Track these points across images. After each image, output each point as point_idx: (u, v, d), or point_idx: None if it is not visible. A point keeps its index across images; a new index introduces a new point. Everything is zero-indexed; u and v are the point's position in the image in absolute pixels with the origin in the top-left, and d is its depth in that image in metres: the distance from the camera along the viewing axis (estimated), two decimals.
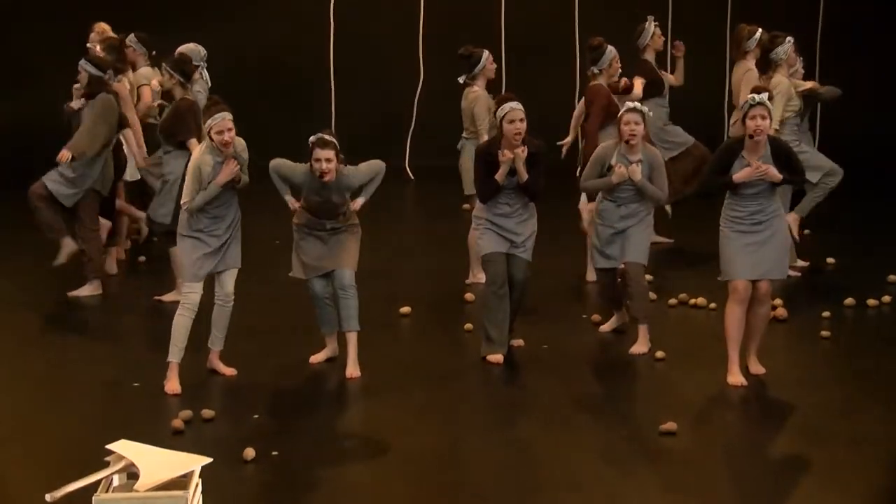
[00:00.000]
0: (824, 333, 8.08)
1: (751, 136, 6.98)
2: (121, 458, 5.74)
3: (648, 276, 8.35)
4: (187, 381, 7.07)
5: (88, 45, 9.99)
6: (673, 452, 6.16)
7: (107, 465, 5.72)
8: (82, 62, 9.00)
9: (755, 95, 6.99)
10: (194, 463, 5.47)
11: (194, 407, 6.62)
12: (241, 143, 7.10)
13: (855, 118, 15.55)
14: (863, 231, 11.41)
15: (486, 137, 9.03)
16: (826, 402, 6.85)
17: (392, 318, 8.55)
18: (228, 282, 7.14)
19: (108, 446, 5.84)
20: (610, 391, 7.14)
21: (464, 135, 9.41)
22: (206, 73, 9.23)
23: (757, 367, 7.27)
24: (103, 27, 10.19)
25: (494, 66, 9.36)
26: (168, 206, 8.53)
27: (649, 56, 10.35)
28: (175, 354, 7.01)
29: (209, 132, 6.94)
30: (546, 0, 14.48)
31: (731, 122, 9.96)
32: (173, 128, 8.45)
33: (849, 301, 8.76)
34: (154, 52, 9.99)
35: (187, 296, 7.02)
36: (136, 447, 5.80)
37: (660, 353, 7.56)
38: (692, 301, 8.76)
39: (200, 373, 7.23)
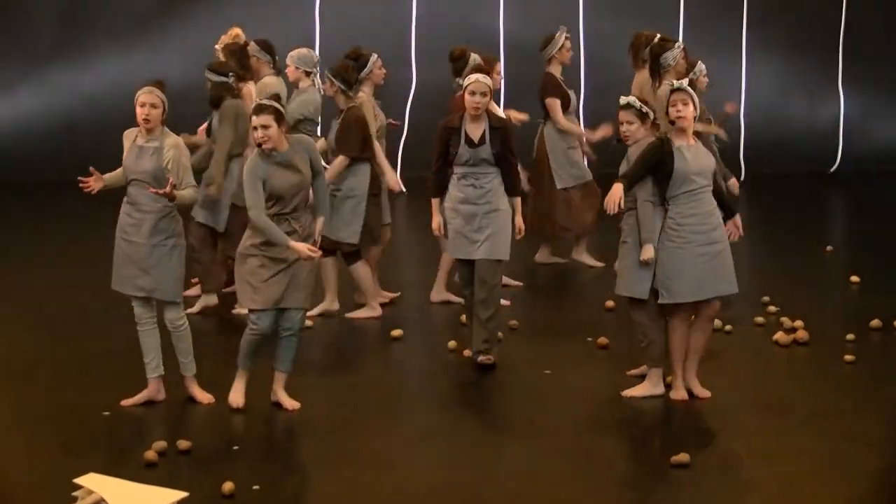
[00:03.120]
0: (848, 358, 8.07)
1: (672, 123, 7.14)
2: (90, 492, 5.73)
3: None
4: (161, 409, 7.05)
5: (217, 46, 10.04)
6: (686, 486, 6.14)
7: (75, 500, 5.71)
8: (206, 72, 9.06)
9: (675, 82, 7.18)
10: (169, 498, 5.47)
11: (169, 437, 6.59)
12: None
13: (879, 128, 15.60)
14: (889, 247, 11.41)
15: (378, 145, 9.05)
16: (849, 433, 6.84)
17: (383, 342, 8.54)
18: (165, 313, 7.09)
19: (76, 480, 5.84)
20: (617, 421, 7.12)
21: None
22: (318, 81, 9.42)
23: (702, 390, 7.31)
24: (236, 31, 10.15)
25: (383, 71, 9.32)
26: (356, 225, 8.71)
27: (554, 69, 10.19)
28: (148, 370, 7.18)
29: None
30: (548, 4, 14.54)
31: None
32: (338, 140, 8.68)
33: (875, 323, 8.76)
34: (277, 59, 9.91)
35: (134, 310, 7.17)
36: (107, 481, 5.79)
37: (669, 378, 7.55)
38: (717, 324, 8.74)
39: (175, 401, 7.20)
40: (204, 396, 7.21)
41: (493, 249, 7.71)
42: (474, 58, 9.30)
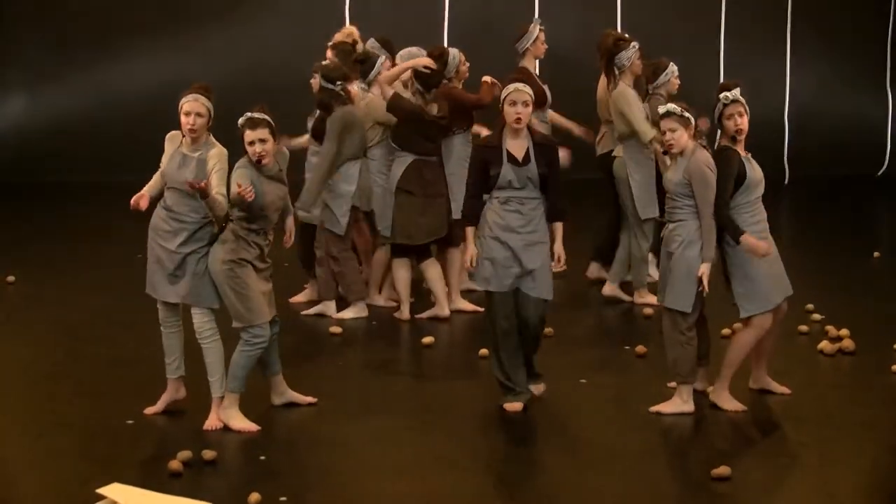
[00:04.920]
0: None
1: (733, 139, 7.11)
2: (113, 503, 5.76)
3: None
4: (186, 418, 7.07)
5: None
6: (727, 499, 6.11)
7: None
8: (316, 65, 9.19)
9: (728, 93, 7.10)
10: None
11: (194, 447, 6.60)
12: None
13: None
14: None
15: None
16: None
17: (414, 350, 8.54)
18: (194, 319, 7.04)
19: (99, 490, 5.87)
20: (656, 431, 7.09)
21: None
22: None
23: (779, 386, 7.45)
24: (350, 30, 10.18)
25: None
26: (387, 219, 9.06)
27: (528, 63, 10.07)
28: (168, 371, 7.21)
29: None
30: (586, 4, 14.53)
31: (598, 138, 9.89)
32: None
33: None
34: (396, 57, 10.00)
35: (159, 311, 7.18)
36: (130, 492, 5.82)
37: (711, 389, 7.50)
38: None
39: (201, 410, 7.20)
40: (217, 423, 6.98)
41: (540, 287, 7.14)
42: (454, 54, 9.35)
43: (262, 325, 6.95)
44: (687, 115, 7.14)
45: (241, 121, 6.91)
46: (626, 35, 9.58)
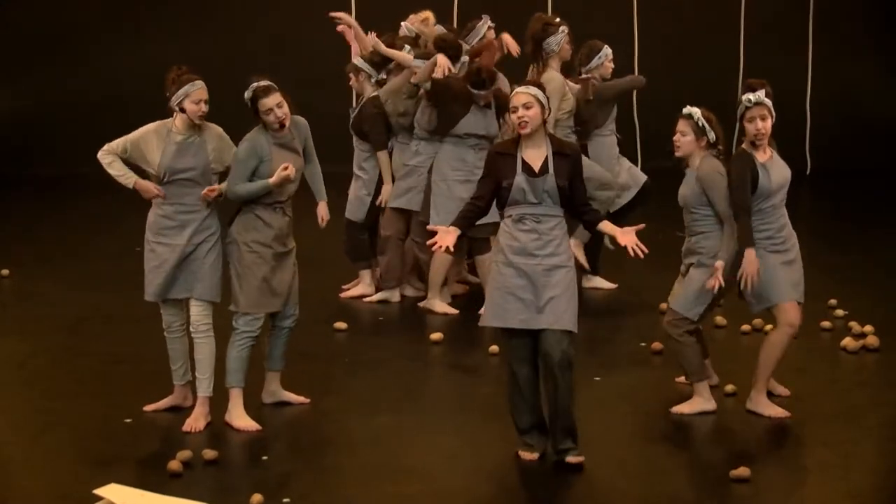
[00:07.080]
0: None
1: (753, 143, 7.09)
2: None
3: None
4: (187, 417, 7.06)
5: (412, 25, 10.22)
6: (746, 502, 6.10)
7: None
8: (350, 64, 9.44)
9: (751, 95, 7.05)
10: None
11: (195, 446, 6.61)
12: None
13: None
14: None
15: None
16: None
17: (422, 346, 8.54)
18: (192, 310, 7.05)
19: (96, 491, 5.87)
20: (672, 431, 7.09)
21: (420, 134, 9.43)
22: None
23: (782, 388, 7.45)
24: (426, 15, 10.19)
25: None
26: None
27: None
28: (175, 377, 7.22)
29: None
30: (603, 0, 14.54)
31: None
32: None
33: None
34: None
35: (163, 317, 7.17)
36: (128, 493, 5.83)
37: (730, 388, 7.50)
38: (768, 328, 8.68)
39: None
40: (196, 423, 6.95)
41: (559, 317, 6.36)
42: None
43: (255, 316, 6.99)
44: (702, 124, 7.09)
45: (248, 93, 6.95)
46: (557, 19, 9.58)
